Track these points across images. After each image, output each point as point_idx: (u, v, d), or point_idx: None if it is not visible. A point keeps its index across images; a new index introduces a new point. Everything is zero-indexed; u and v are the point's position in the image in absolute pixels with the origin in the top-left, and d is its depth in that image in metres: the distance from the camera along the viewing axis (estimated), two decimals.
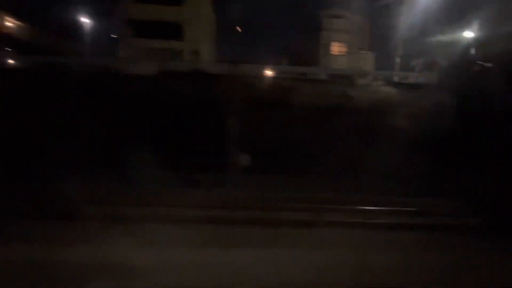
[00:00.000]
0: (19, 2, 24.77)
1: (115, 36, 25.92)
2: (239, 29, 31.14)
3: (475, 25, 21.60)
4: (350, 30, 32.65)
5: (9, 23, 26.13)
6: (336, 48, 32.27)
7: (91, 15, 25.77)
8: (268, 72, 23.15)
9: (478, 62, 16.30)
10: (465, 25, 22.26)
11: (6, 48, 24.31)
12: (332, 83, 14.99)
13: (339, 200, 9.14)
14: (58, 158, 10.67)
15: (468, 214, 8.44)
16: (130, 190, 9.37)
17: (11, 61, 21.56)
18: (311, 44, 31.63)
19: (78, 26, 25.88)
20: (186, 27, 25.74)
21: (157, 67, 15.76)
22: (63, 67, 17.99)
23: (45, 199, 8.14)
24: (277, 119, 12.14)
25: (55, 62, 19.01)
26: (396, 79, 18.32)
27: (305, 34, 32.31)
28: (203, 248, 6.13)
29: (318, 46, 32.44)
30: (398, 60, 27.86)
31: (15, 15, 26.23)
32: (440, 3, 27.93)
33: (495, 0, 19.63)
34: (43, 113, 13.51)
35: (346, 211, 8.56)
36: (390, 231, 7.49)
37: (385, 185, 10.32)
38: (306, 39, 31.87)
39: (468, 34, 21.95)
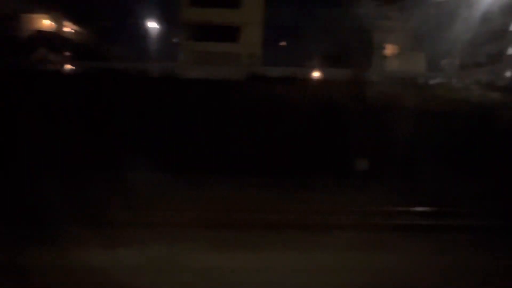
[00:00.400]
0: (77, 7, 24.66)
1: (175, 40, 25.80)
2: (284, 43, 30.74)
3: None
4: (402, 31, 32.13)
5: (68, 28, 26.26)
6: (389, 49, 31.72)
7: (149, 20, 25.66)
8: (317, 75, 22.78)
9: None
10: None
11: (65, 53, 24.41)
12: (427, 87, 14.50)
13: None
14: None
15: None
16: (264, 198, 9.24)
17: (70, 67, 21.53)
18: (362, 45, 31.10)
19: (136, 30, 25.86)
20: (244, 31, 25.50)
21: (244, 72, 15.49)
22: (128, 72, 17.74)
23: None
24: (388, 123, 11.72)
25: (117, 67, 18.80)
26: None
27: (356, 36, 31.75)
28: None
29: (370, 48, 31.88)
30: (455, 61, 27.30)
31: (73, 20, 26.36)
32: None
33: None
34: (123, 118, 12.87)
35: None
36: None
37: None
38: (357, 41, 31.33)
39: None
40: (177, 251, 6.22)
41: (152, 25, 25.56)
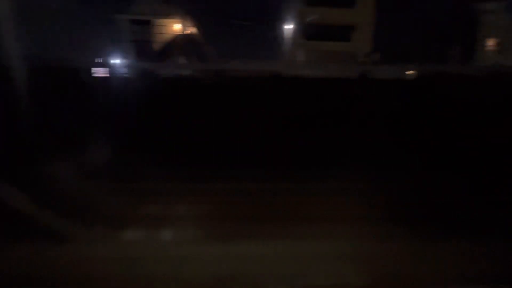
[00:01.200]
0: (199, 9, 26.42)
1: (292, 40, 27.03)
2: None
3: None
4: (506, 25, 30.54)
5: (190, 30, 28.14)
6: (492, 43, 30.31)
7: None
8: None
9: None
10: None
11: (187, 54, 26.22)
12: None
13: None
14: None
15: None
16: None
17: (186, 69, 22.72)
18: (464, 40, 30.11)
19: (253, 30, 27.17)
20: (358, 29, 26.22)
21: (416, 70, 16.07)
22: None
23: None
24: None
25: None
26: None
27: (458, 30, 30.72)
28: None
29: (472, 42, 30.74)
30: None
31: (194, 21, 27.92)
32: None
33: None
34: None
35: None
36: None
37: None
38: (460, 35, 30.36)
39: None
40: None
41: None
